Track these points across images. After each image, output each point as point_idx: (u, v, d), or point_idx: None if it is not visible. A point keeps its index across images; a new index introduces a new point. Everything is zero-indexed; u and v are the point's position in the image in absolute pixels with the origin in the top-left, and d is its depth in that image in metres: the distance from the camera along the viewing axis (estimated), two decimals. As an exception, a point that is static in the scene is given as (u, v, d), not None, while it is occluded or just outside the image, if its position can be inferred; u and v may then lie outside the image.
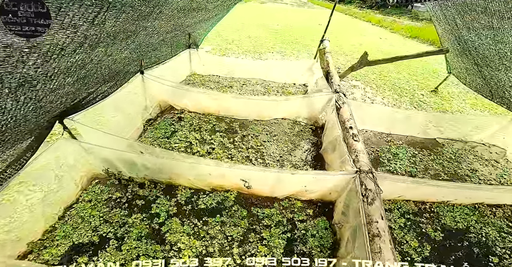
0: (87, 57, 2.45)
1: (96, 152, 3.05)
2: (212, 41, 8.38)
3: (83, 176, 3.23)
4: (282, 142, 4.23)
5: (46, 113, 2.47)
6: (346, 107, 3.78)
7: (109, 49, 2.74)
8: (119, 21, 2.31)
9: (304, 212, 3.22)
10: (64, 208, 3.02)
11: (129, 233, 2.84)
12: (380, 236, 2.19)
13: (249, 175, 2.91)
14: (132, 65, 3.72)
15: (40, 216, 2.77)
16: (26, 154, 2.56)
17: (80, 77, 2.61)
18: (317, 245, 2.93)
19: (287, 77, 6.11)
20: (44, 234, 2.75)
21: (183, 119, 4.43)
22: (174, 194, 3.27)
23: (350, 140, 3.19)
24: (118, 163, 3.13)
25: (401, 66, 8.47)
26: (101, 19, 2.01)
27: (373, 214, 2.36)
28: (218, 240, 2.88)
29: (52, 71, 2.12)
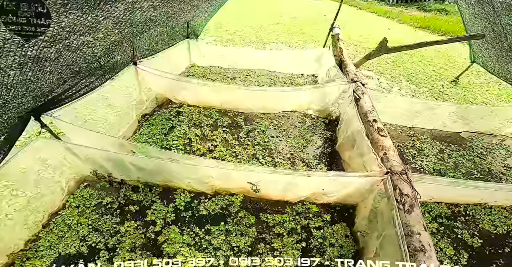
0: (63, 40, 2.06)
1: (82, 152, 2.66)
2: (213, 33, 7.91)
3: (69, 179, 2.86)
4: (292, 137, 3.80)
5: (16, 108, 2.08)
6: (367, 98, 3.31)
7: (92, 28, 2.32)
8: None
9: (320, 218, 2.80)
10: (49, 215, 2.67)
11: (122, 244, 2.48)
12: (424, 251, 1.75)
13: (258, 177, 2.49)
14: (122, 55, 3.30)
15: (22, 224, 2.45)
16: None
17: (56, 66, 2.22)
18: (337, 255, 2.51)
19: (294, 68, 5.64)
20: (27, 244, 2.43)
21: (182, 113, 4.01)
22: (171, 198, 2.88)
23: (375, 135, 2.73)
24: (107, 165, 2.73)
25: (415, 55, 7.92)
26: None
27: (413, 224, 1.92)
28: (222, 251, 2.49)
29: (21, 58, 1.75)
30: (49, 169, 2.65)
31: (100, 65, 2.95)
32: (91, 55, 2.64)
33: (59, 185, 2.75)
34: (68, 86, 2.61)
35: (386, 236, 2.11)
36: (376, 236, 2.25)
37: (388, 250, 2.05)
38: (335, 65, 4.39)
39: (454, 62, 7.84)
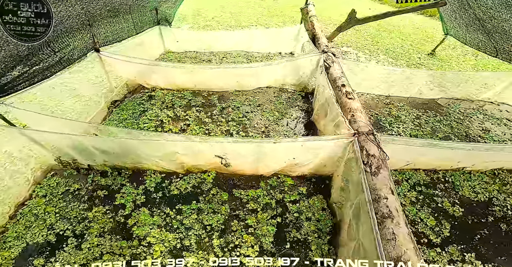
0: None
1: (41, 139, 2.36)
2: (190, 20, 7.30)
3: (36, 169, 2.58)
4: (267, 111, 3.48)
5: None
6: (336, 66, 2.99)
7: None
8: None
9: (296, 191, 2.54)
10: (15, 206, 2.43)
11: (90, 229, 2.26)
12: (392, 217, 1.49)
13: (225, 149, 2.20)
14: (79, 41, 2.89)
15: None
16: None
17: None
18: (313, 230, 2.27)
19: (272, 47, 5.21)
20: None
21: (154, 97, 3.66)
22: (142, 180, 2.60)
23: (343, 99, 2.42)
24: (70, 150, 2.44)
25: (394, 32, 7.45)
26: None
27: (380, 187, 1.66)
28: (194, 231, 2.26)
29: None
30: (15, 160, 2.39)
31: (54, 52, 2.57)
32: (50, 38, 2.26)
33: (24, 176, 2.49)
34: (19, 73, 2.25)
35: (357, 203, 1.85)
36: (350, 205, 2.00)
37: (359, 220, 1.79)
38: (309, 40, 4.00)
39: (432, 37, 7.39)
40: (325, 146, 2.12)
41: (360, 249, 1.70)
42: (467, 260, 2.15)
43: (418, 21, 8.80)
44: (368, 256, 1.57)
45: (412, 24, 8.43)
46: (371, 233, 1.54)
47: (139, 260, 2.08)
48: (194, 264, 2.07)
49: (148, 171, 2.65)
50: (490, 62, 5.90)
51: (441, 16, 5.40)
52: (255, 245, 2.18)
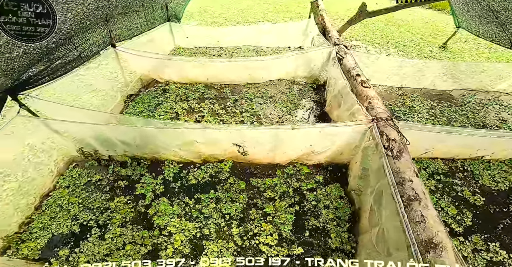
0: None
1: (65, 130, 2.40)
2: (197, 17, 7.30)
3: (58, 161, 2.62)
4: (280, 103, 3.45)
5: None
6: (349, 57, 2.95)
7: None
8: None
9: (313, 179, 2.52)
10: (40, 197, 2.47)
11: (112, 219, 2.28)
12: (419, 200, 1.46)
13: (243, 136, 2.20)
14: (98, 37, 2.92)
15: (15, 208, 2.28)
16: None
17: (23, 46, 1.88)
18: (332, 218, 2.25)
19: (280, 42, 5.16)
20: (21, 227, 2.26)
21: (168, 91, 3.68)
22: (160, 170, 2.62)
23: (359, 87, 2.38)
24: (92, 140, 2.47)
25: (403, 26, 7.29)
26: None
27: (403, 170, 1.62)
28: (213, 220, 2.26)
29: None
30: (38, 152, 2.44)
31: (75, 46, 2.60)
32: (58, 37, 2.28)
33: (48, 168, 2.53)
34: (43, 67, 2.28)
35: (379, 189, 1.82)
36: (370, 192, 1.96)
37: (382, 204, 1.76)
38: (318, 33, 3.94)
39: (442, 31, 7.20)
40: (343, 132, 2.08)
41: (385, 234, 1.67)
42: (492, 249, 2.09)
43: (427, 16, 8.59)
44: (394, 240, 1.54)
45: (421, 18, 8.24)
46: (396, 217, 1.51)
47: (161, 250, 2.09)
48: (214, 253, 2.06)
49: (166, 161, 2.66)
50: (504, 55, 5.73)
51: (453, 9, 5.26)
52: (274, 233, 2.17)
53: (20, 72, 1.97)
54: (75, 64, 2.67)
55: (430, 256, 1.24)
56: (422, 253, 1.27)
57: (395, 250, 1.52)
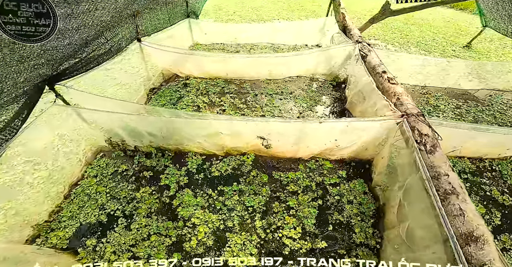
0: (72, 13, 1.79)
1: (97, 119, 2.49)
2: (212, 15, 7.41)
3: (87, 150, 2.72)
4: (300, 99, 3.48)
5: (29, 78, 1.88)
6: (374, 54, 2.94)
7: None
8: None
9: (335, 174, 2.52)
10: (69, 185, 2.56)
11: (138, 210, 2.34)
12: (456, 194, 1.45)
13: (269, 129, 2.23)
14: (126, 31, 3.02)
15: (46, 196, 2.36)
16: (14, 121, 2.02)
17: (70, 39, 1.98)
18: (356, 213, 2.25)
19: (297, 39, 5.18)
20: (51, 215, 2.34)
21: (189, 85, 3.76)
22: (184, 162, 2.68)
23: (386, 84, 2.37)
24: (121, 131, 2.55)
25: (424, 25, 7.14)
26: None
27: (439, 164, 1.61)
28: (237, 212, 2.29)
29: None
30: (67, 142, 2.54)
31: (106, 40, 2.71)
32: (97, 30, 2.38)
33: (77, 157, 2.63)
34: (79, 59, 2.39)
35: (409, 184, 1.82)
36: (398, 187, 1.96)
37: (413, 199, 1.76)
38: (339, 32, 3.94)
39: (465, 30, 7.00)
40: (370, 127, 2.08)
41: (416, 228, 1.66)
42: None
43: (448, 15, 8.40)
44: (427, 234, 1.54)
45: (442, 17, 8.07)
46: (430, 211, 1.51)
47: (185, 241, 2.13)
48: (237, 245, 2.09)
49: (189, 153, 2.73)
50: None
51: (480, 8, 5.16)
52: (298, 226, 2.19)
53: (60, 62, 2.07)
54: (106, 57, 2.76)
55: (471, 249, 1.23)
56: (462, 246, 1.26)
57: (428, 244, 1.52)
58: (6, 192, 2.35)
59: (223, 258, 2.04)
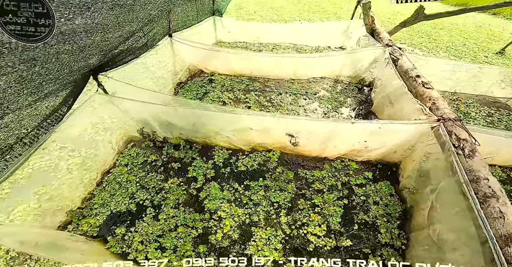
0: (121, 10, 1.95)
1: (131, 109, 2.61)
2: (233, 14, 7.59)
3: (119, 139, 2.86)
4: (325, 100, 3.55)
5: (80, 67, 2.04)
6: (405, 58, 2.97)
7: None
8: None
9: (361, 175, 2.57)
10: (102, 173, 2.69)
11: (166, 200, 2.43)
12: (496, 197, 1.49)
13: (299, 127, 2.31)
14: (160, 27, 3.19)
15: (79, 183, 2.47)
16: (62, 108, 2.19)
17: (115, 32, 2.14)
18: (382, 214, 2.29)
19: (320, 41, 5.25)
20: (83, 202, 2.44)
21: (214, 81, 3.91)
22: (210, 155, 2.79)
23: (419, 88, 2.42)
24: (153, 122, 2.68)
25: (453, 30, 7.03)
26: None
27: (478, 168, 1.64)
28: (262, 207, 2.37)
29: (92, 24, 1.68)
30: (101, 130, 2.65)
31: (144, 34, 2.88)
32: (142, 23, 2.54)
33: (110, 145, 2.75)
34: (120, 51, 2.55)
35: (443, 187, 1.86)
36: (430, 190, 2.00)
37: (447, 202, 1.80)
38: (366, 35, 3.99)
39: (498, 36, 6.84)
40: (403, 130, 2.13)
41: (448, 230, 1.70)
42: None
43: (480, 20, 8.24)
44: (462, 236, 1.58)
45: (473, 22, 7.91)
46: (467, 213, 1.55)
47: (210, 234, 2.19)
48: (262, 240, 2.17)
49: (216, 146, 2.84)
50: None
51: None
52: (323, 224, 2.25)
53: (105, 54, 2.23)
54: (141, 51, 2.94)
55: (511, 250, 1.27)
56: (501, 247, 1.30)
57: (462, 246, 1.56)
58: (41, 177, 2.48)
59: (248, 252, 2.11)
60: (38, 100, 1.84)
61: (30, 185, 2.38)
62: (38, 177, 2.47)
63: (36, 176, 2.49)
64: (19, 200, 2.27)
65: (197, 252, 2.11)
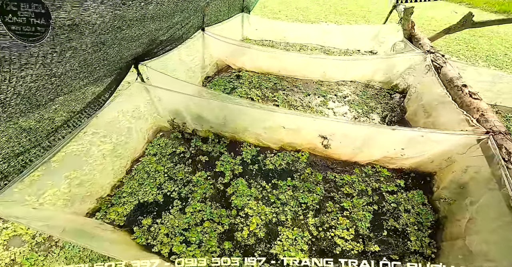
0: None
1: (165, 99, 2.69)
2: (258, 12, 7.66)
3: (149, 128, 2.96)
4: (355, 104, 3.57)
5: (129, 55, 2.14)
6: (449, 66, 2.95)
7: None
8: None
9: (393, 182, 2.58)
10: (131, 161, 2.76)
11: (193, 193, 2.47)
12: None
13: (334, 129, 2.34)
14: (195, 20, 3.29)
15: (110, 169, 2.53)
16: (105, 94, 2.29)
17: (159, 23, 2.24)
18: (413, 222, 2.30)
19: (349, 44, 5.25)
20: (112, 189, 2.51)
21: (241, 77, 4.00)
22: (238, 151, 2.85)
23: (466, 98, 2.41)
24: (185, 113, 2.76)
25: (494, 38, 6.80)
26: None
27: (529, 184, 1.64)
28: (290, 207, 2.41)
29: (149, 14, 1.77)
30: (133, 118, 2.71)
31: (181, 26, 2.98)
32: (184, 16, 2.63)
33: (141, 133, 2.83)
34: (160, 42, 2.65)
35: (487, 200, 1.86)
36: (470, 202, 2.00)
37: (489, 214, 1.80)
38: (402, 40, 3.97)
39: None
40: (446, 140, 2.12)
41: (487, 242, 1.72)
42: None
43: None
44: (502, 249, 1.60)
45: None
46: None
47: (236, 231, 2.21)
48: (288, 240, 2.19)
49: (244, 142, 2.90)
50: None
51: None
52: (351, 228, 2.27)
53: (150, 43, 2.33)
54: (178, 43, 3.04)
55: None
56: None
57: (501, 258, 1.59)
58: (73, 161, 2.54)
59: (274, 251, 2.14)
60: (87, 85, 1.94)
61: (62, 169, 2.47)
62: (70, 161, 2.54)
63: (68, 160, 2.57)
64: (50, 183, 2.36)
65: (222, 248, 2.14)
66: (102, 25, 1.28)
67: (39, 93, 1.53)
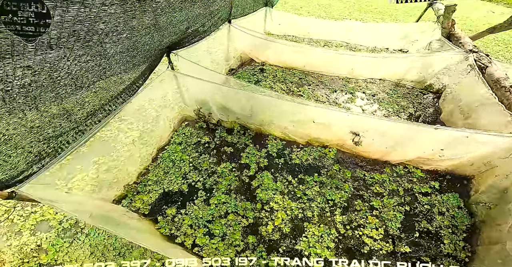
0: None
1: (193, 88, 2.76)
2: (280, 8, 7.69)
3: (175, 117, 3.05)
4: (385, 102, 3.53)
5: (164, 43, 2.22)
6: (495, 66, 2.88)
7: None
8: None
9: (426, 184, 2.54)
10: (157, 149, 2.85)
11: (218, 185, 2.51)
12: None
13: (368, 126, 2.33)
14: (222, 12, 3.36)
15: (136, 156, 2.61)
16: (139, 80, 2.38)
17: (194, 11, 2.33)
18: (447, 225, 2.26)
19: (376, 42, 5.18)
20: (139, 177, 2.58)
21: (265, 71, 4.05)
22: (263, 144, 2.88)
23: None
24: (211, 103, 2.81)
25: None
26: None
27: None
28: (317, 203, 2.42)
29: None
30: (159, 106, 2.81)
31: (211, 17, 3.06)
32: (212, 7, 2.71)
33: (167, 122, 2.92)
34: (191, 32, 2.74)
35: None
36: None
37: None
38: (440, 38, 3.90)
39: None
40: (492, 142, 2.08)
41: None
42: None
43: None
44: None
45: None
46: None
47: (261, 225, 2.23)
48: (314, 237, 2.21)
49: (269, 135, 2.93)
50: None
51: None
52: (380, 228, 2.26)
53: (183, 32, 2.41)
54: (206, 34, 3.12)
55: None
56: None
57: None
58: (101, 146, 2.64)
59: (299, 247, 2.15)
60: (126, 70, 2.03)
61: (90, 154, 2.59)
62: (98, 146, 2.66)
63: (97, 145, 2.69)
64: (79, 167, 2.49)
65: (245, 242, 2.17)
66: (163, 3, 1.34)
67: (86, 75, 1.62)
